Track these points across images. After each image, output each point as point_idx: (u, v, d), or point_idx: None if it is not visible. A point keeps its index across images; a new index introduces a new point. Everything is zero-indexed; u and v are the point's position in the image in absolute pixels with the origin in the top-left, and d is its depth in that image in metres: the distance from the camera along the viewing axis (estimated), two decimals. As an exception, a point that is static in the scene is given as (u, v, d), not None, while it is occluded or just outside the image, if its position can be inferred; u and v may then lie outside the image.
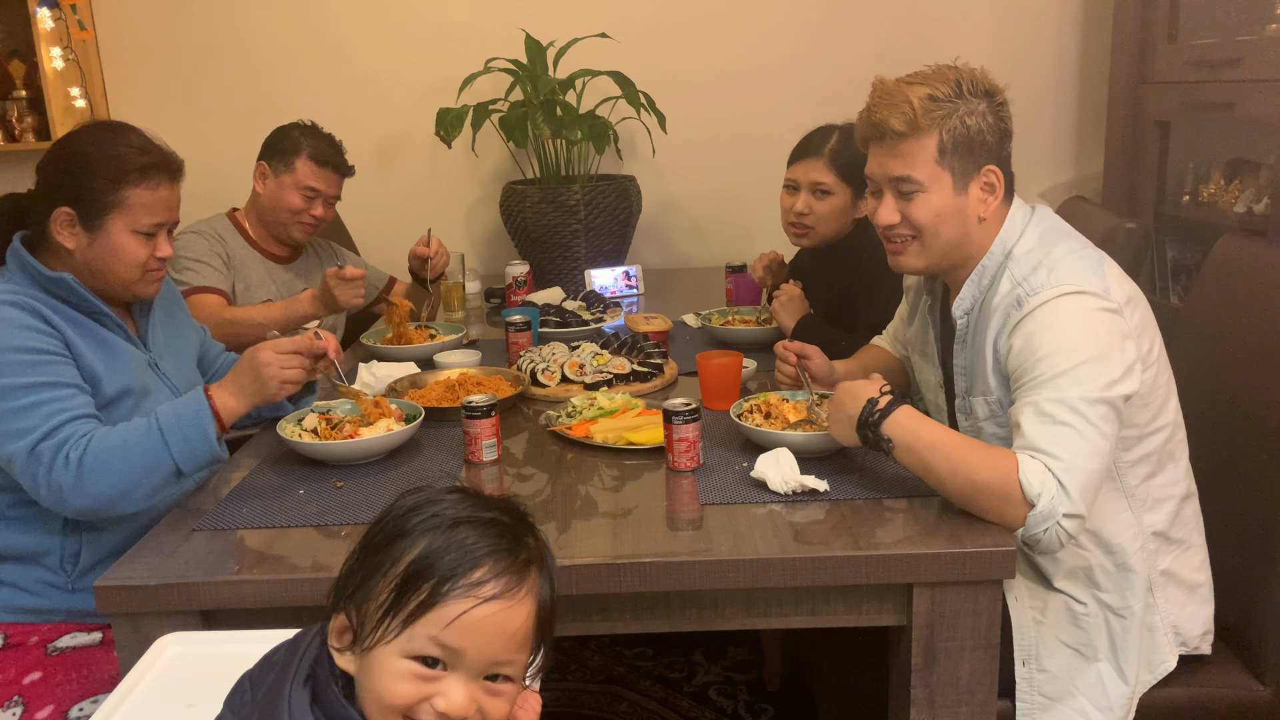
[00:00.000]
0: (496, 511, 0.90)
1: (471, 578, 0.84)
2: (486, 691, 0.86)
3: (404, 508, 0.89)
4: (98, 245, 1.62)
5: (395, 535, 0.87)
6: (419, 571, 0.84)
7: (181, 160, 1.72)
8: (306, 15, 3.29)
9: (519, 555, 0.88)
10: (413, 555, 0.85)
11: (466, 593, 0.84)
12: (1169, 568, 1.56)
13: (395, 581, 0.85)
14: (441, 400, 1.94)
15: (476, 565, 0.85)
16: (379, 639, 0.84)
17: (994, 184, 1.54)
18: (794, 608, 1.40)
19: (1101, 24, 3.21)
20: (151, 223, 1.65)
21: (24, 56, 3.22)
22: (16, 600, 1.62)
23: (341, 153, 2.56)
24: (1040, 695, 1.51)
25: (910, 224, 1.56)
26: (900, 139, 1.52)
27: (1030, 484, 1.36)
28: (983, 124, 1.52)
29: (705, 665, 2.56)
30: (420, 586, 0.84)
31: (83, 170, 1.61)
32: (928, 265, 1.61)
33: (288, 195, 2.49)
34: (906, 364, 1.94)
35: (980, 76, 1.54)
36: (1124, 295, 1.49)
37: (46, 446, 1.48)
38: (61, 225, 1.61)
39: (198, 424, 1.54)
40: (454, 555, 0.85)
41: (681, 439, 1.60)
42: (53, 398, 1.51)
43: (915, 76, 1.55)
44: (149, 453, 1.52)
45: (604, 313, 2.59)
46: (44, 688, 1.54)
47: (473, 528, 0.87)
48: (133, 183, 1.62)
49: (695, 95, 3.29)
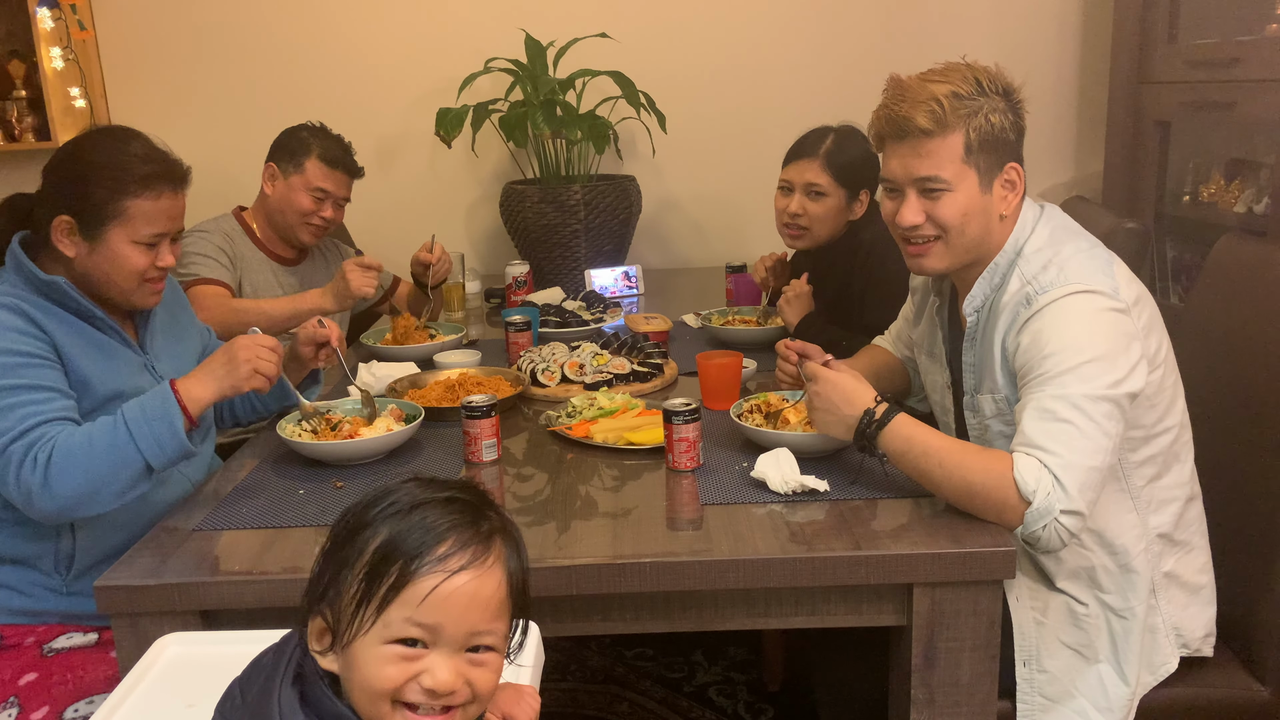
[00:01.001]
0: (454, 491, 0.91)
1: (437, 552, 0.85)
2: (470, 664, 0.87)
3: (362, 503, 0.91)
4: (97, 254, 1.61)
5: (357, 529, 0.88)
6: (385, 556, 0.85)
7: (187, 168, 1.70)
8: (306, 15, 3.29)
9: (481, 526, 0.89)
10: (377, 543, 0.86)
11: (435, 568, 0.85)
12: (1172, 569, 1.55)
13: (364, 571, 0.85)
14: (441, 400, 1.94)
15: (441, 540, 0.86)
16: (357, 631, 0.85)
17: (1015, 181, 1.54)
18: (794, 608, 1.40)
19: (1101, 24, 3.21)
20: (152, 233, 1.63)
21: (24, 56, 3.22)
22: (12, 602, 1.62)
23: (351, 154, 2.55)
24: (1040, 696, 1.51)
25: (936, 224, 1.54)
26: (926, 137, 1.50)
27: (1025, 481, 1.36)
28: (1004, 121, 1.51)
29: (705, 665, 2.56)
30: (389, 570, 0.85)
31: (84, 179, 1.59)
32: (949, 266, 1.58)
33: (297, 197, 2.47)
34: (908, 365, 1.94)
35: (996, 74, 1.53)
36: (1132, 295, 1.49)
37: (17, 447, 1.47)
38: (61, 233, 1.60)
39: (165, 418, 1.52)
40: (417, 535, 0.86)
41: (681, 439, 1.60)
42: (30, 400, 1.50)
43: (934, 74, 1.53)
44: (116, 449, 1.49)
45: (604, 313, 2.59)
46: (39, 688, 1.53)
47: (432, 508, 0.88)
48: (134, 193, 1.60)
49: (695, 95, 3.29)
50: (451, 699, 0.86)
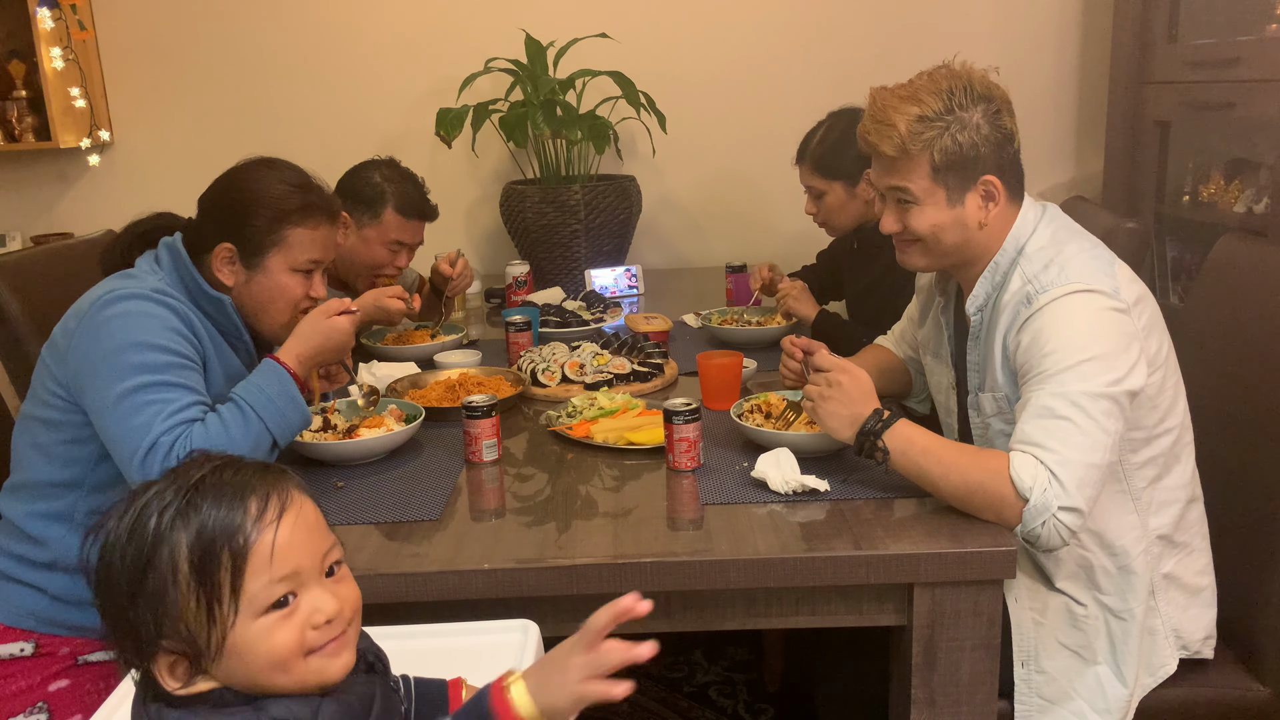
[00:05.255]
0: (200, 469, 0.87)
1: (251, 515, 0.84)
2: (335, 584, 0.89)
3: (120, 540, 0.84)
4: (255, 283, 1.65)
5: (142, 561, 0.83)
6: (205, 552, 0.82)
7: (340, 203, 1.76)
8: (306, 15, 3.29)
9: (264, 469, 0.88)
10: (184, 550, 0.83)
11: (259, 528, 0.84)
12: (1171, 571, 1.55)
13: (191, 581, 0.82)
14: (441, 400, 1.94)
15: (245, 504, 0.85)
16: (225, 629, 0.83)
17: (993, 192, 1.54)
18: (794, 608, 1.40)
19: (1101, 24, 3.21)
20: (309, 259, 1.66)
21: (24, 56, 3.22)
22: (55, 612, 1.59)
23: (426, 194, 2.39)
24: (1039, 697, 1.51)
25: (910, 232, 1.57)
26: (892, 160, 1.53)
27: (1021, 479, 1.36)
28: (975, 137, 1.50)
29: (705, 665, 2.56)
30: (219, 561, 0.82)
31: (246, 208, 1.63)
32: (931, 265, 1.63)
33: (372, 250, 2.32)
34: (910, 365, 1.94)
35: (977, 80, 1.52)
36: (1133, 296, 1.49)
37: (164, 441, 1.46)
38: (222, 260, 1.63)
39: (287, 394, 1.55)
40: (219, 517, 0.83)
41: (682, 439, 1.60)
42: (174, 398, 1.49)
43: (907, 89, 1.53)
44: (249, 434, 1.50)
45: (604, 313, 2.59)
46: (71, 696, 1.53)
47: (205, 491, 0.85)
48: (293, 221, 1.64)
49: (695, 95, 3.29)
50: (342, 620, 0.88)
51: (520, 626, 1.18)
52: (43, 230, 3.38)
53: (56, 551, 1.58)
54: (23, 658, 1.57)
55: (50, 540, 1.58)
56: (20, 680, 1.55)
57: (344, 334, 1.66)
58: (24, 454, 1.61)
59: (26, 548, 1.59)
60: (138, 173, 3.38)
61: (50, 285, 2.05)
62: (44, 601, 1.59)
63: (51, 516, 1.58)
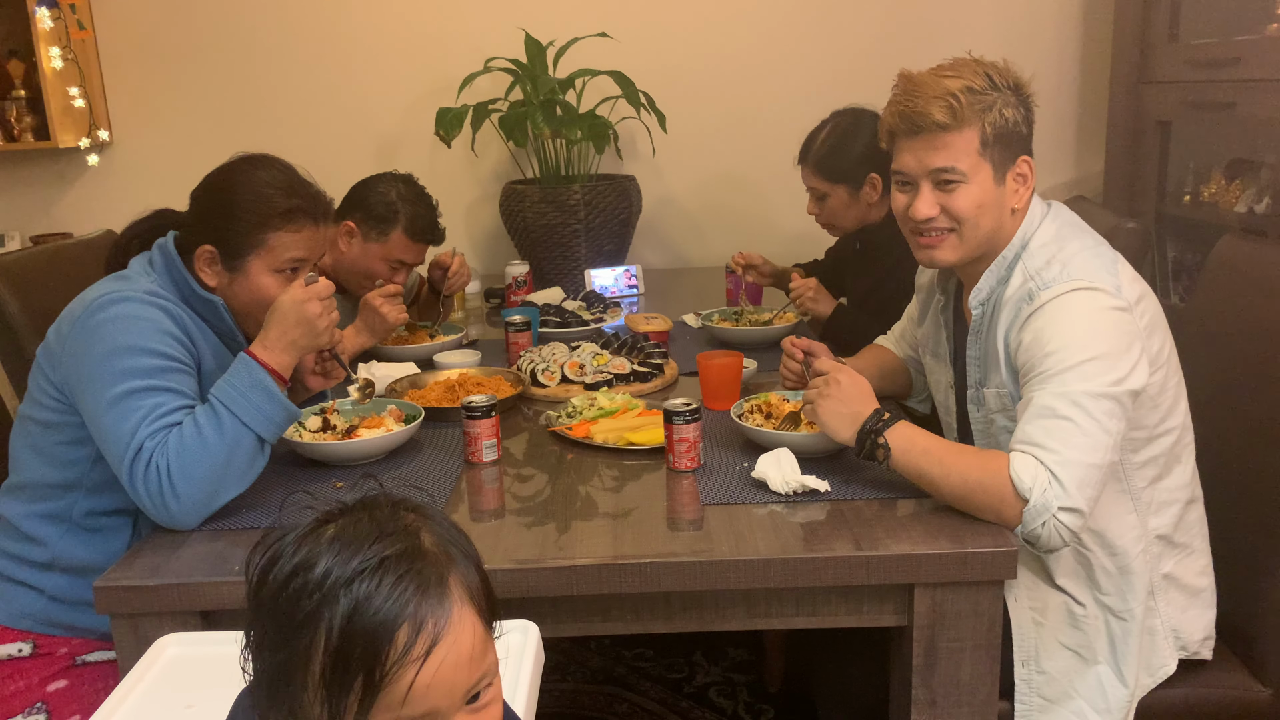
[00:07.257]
0: (378, 544, 0.75)
1: (398, 646, 0.72)
2: (473, 712, 0.77)
3: (279, 578, 0.76)
4: (236, 285, 1.63)
5: (287, 629, 0.74)
6: (339, 666, 0.72)
7: (330, 200, 1.71)
8: (306, 15, 3.29)
9: (428, 579, 0.75)
10: (322, 646, 0.73)
11: (401, 665, 0.72)
12: (1171, 571, 1.55)
13: (321, 690, 0.73)
14: (441, 400, 1.94)
15: (394, 630, 0.72)
16: None
17: (1026, 174, 1.55)
18: (794, 608, 1.39)
19: (1101, 24, 3.21)
20: (291, 258, 1.63)
21: (23, 56, 3.22)
22: (53, 613, 1.59)
23: (438, 218, 2.37)
24: (1039, 697, 1.51)
25: (951, 216, 1.54)
26: (942, 131, 1.50)
27: (1021, 479, 1.36)
28: (1017, 115, 1.52)
29: (705, 666, 2.56)
30: (350, 684, 0.72)
31: (228, 211, 1.61)
32: (961, 258, 1.58)
33: (373, 264, 2.31)
34: (910, 364, 1.93)
35: (1005, 69, 1.54)
36: (1135, 295, 1.49)
37: (147, 446, 1.44)
38: (204, 262, 1.62)
39: (259, 386, 1.50)
40: (365, 637, 0.72)
41: (682, 439, 1.60)
42: (161, 401, 1.48)
43: (945, 69, 1.53)
44: (223, 433, 1.46)
45: (604, 313, 2.59)
46: (70, 697, 1.53)
47: (365, 584, 0.73)
48: (275, 226, 1.61)
49: (695, 95, 3.29)
50: None
51: (520, 627, 1.18)
52: (42, 230, 3.38)
53: (54, 552, 1.58)
54: (21, 658, 1.57)
55: (48, 541, 1.58)
56: (19, 681, 1.55)
57: (309, 307, 1.57)
58: (21, 455, 1.61)
59: (24, 548, 1.59)
60: (137, 172, 3.38)
61: (49, 285, 2.04)
62: (42, 602, 1.58)
63: (49, 517, 1.58)
